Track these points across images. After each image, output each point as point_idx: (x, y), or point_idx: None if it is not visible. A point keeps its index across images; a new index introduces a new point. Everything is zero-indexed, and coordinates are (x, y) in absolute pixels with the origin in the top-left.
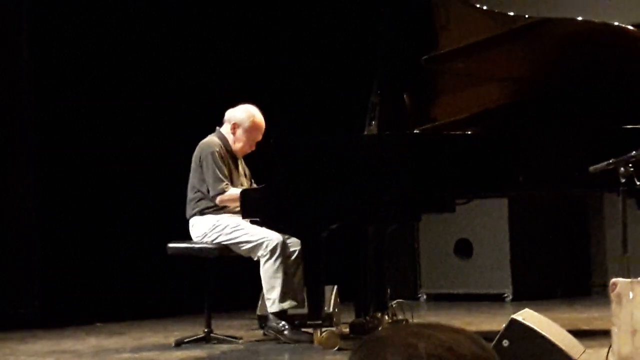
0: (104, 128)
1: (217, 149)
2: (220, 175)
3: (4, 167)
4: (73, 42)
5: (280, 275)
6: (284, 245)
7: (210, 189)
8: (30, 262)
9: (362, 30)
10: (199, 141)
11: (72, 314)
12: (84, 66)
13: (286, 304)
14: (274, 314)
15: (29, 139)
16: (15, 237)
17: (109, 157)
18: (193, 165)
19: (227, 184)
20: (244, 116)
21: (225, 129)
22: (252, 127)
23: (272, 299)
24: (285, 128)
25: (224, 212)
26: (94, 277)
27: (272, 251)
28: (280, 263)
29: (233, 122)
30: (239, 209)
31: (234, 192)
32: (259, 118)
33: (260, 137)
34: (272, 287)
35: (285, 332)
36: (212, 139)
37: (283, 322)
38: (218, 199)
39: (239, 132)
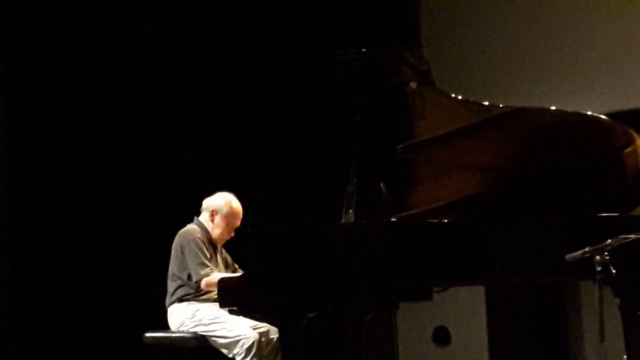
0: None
1: (199, 236)
2: (205, 260)
3: None
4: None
5: None
6: (260, 343)
7: (193, 274)
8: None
9: (338, 118)
10: (177, 230)
11: None
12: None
13: None
14: None
15: None
16: None
17: (85, 241)
18: (173, 253)
19: (211, 269)
20: (221, 203)
21: (204, 217)
22: (230, 213)
23: None
24: (262, 216)
25: (204, 301)
26: None
27: (248, 350)
28: None
29: (211, 209)
30: None
31: (219, 276)
32: (236, 204)
33: (238, 223)
34: None
35: None
36: (192, 227)
37: None
38: (203, 282)
39: (218, 219)
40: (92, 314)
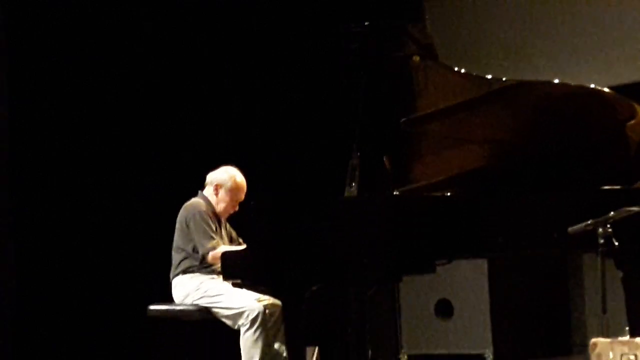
0: (82, 183)
1: (204, 209)
2: (211, 233)
3: None
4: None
5: (259, 345)
6: (265, 314)
7: (199, 247)
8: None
9: (341, 91)
10: (181, 203)
11: None
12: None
13: None
14: None
15: None
16: None
17: (88, 214)
18: (178, 226)
19: (217, 241)
20: (225, 177)
21: (208, 191)
22: (235, 187)
23: None
24: (265, 190)
25: (209, 273)
26: (71, 340)
27: (253, 321)
28: (260, 333)
29: (215, 183)
30: None
31: (224, 249)
32: (240, 178)
33: (242, 197)
34: (251, 358)
35: None
36: (197, 200)
37: None
38: (210, 255)
39: (222, 192)
40: (95, 287)
